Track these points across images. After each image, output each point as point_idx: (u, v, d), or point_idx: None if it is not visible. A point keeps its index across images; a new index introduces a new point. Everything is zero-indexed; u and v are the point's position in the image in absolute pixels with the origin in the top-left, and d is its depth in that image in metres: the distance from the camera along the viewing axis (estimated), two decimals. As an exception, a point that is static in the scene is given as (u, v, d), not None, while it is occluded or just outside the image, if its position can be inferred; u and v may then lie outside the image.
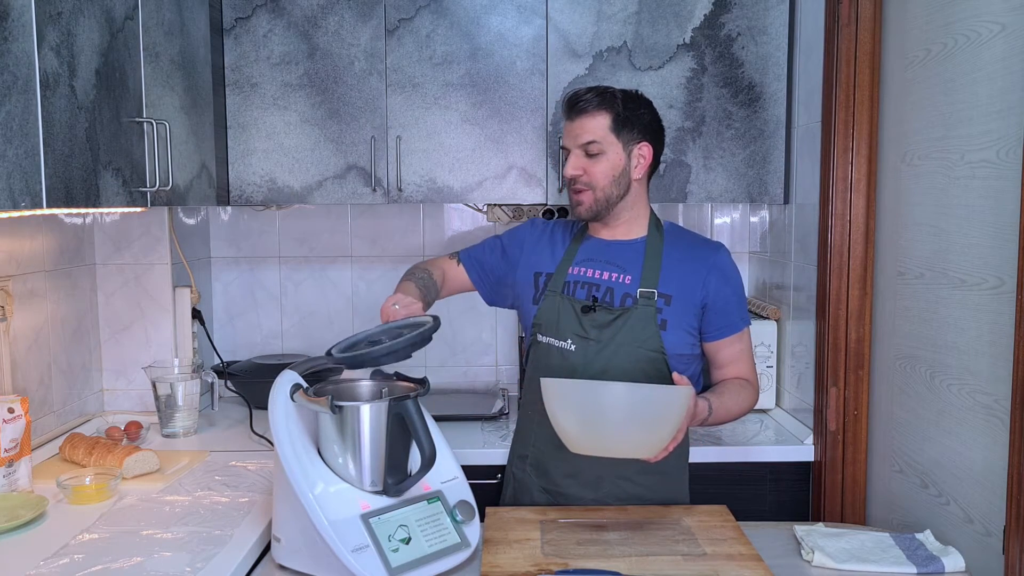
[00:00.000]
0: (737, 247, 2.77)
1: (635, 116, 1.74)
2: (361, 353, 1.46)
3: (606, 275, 1.77)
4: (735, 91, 2.34)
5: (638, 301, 1.72)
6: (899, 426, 1.88)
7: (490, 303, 1.97)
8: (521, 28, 2.33)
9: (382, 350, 1.44)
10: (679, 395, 1.48)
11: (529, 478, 1.82)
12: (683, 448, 1.83)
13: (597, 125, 1.73)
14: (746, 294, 2.73)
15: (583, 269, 1.79)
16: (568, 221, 1.92)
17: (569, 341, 1.75)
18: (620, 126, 1.73)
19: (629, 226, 1.80)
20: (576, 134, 1.74)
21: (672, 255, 1.77)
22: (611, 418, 1.44)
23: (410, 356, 1.48)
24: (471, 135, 2.35)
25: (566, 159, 1.77)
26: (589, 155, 1.73)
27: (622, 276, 1.76)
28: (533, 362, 1.83)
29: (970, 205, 1.59)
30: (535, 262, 1.85)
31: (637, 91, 1.80)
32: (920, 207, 1.78)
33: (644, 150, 1.75)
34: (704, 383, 1.84)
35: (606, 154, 1.73)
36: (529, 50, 2.33)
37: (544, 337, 1.79)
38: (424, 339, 1.49)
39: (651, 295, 1.72)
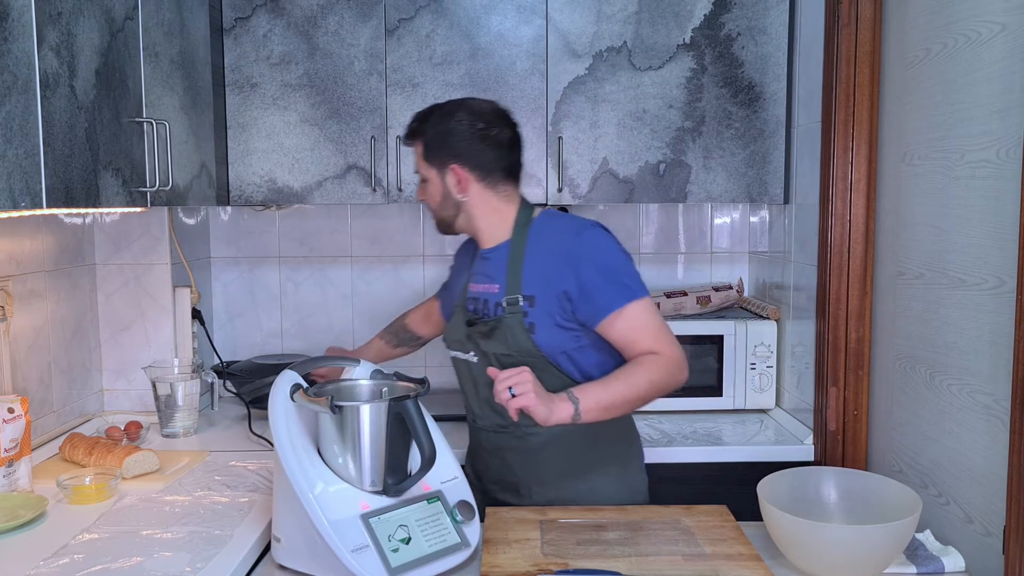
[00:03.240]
0: (737, 247, 2.77)
1: (441, 139, 1.74)
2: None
3: (482, 287, 1.78)
4: (735, 91, 2.34)
5: (505, 309, 1.72)
6: (899, 426, 1.88)
7: None
8: (521, 28, 2.33)
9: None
10: (901, 528, 1.37)
11: (472, 480, 1.84)
12: (620, 451, 1.82)
13: (416, 155, 1.80)
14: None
15: (473, 284, 1.82)
16: None
17: (472, 353, 1.78)
18: (430, 153, 1.77)
19: (491, 234, 1.79)
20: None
21: (534, 253, 1.73)
22: (836, 556, 1.38)
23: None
24: (471, 135, 2.34)
25: None
26: (422, 181, 1.81)
27: (491, 285, 1.76)
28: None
29: (970, 205, 1.59)
30: (458, 282, 1.92)
31: (455, 104, 1.79)
32: (920, 207, 1.78)
33: (457, 171, 1.74)
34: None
35: (429, 181, 1.79)
36: (529, 50, 2.33)
37: (452, 351, 1.84)
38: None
39: (515, 300, 1.71)
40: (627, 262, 1.71)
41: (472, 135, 1.74)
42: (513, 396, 1.51)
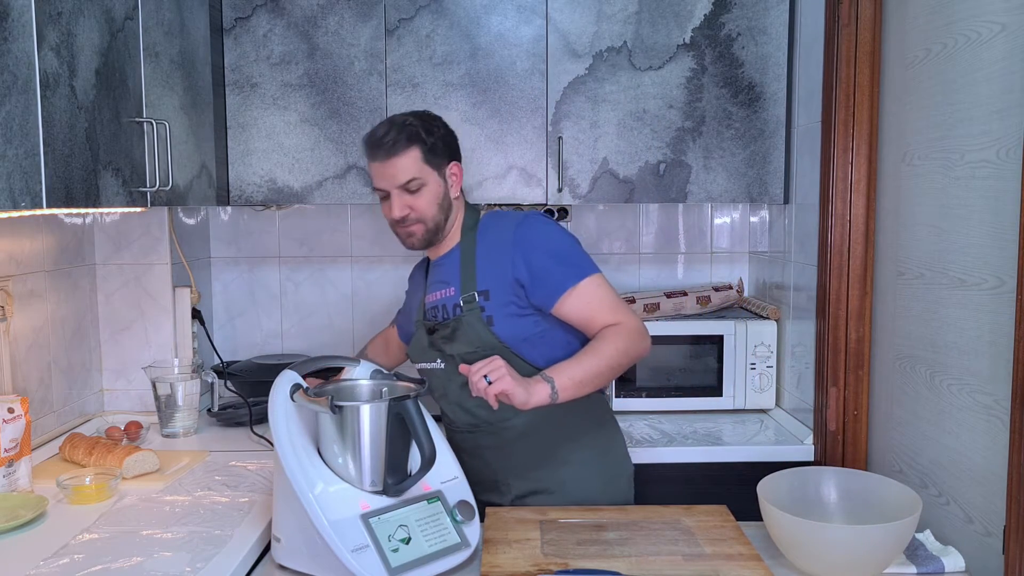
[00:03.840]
0: (737, 247, 2.77)
1: (438, 139, 1.77)
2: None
3: (439, 294, 1.81)
4: (735, 91, 2.34)
5: (463, 308, 1.74)
6: (899, 426, 1.88)
7: None
8: (521, 28, 2.33)
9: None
10: (901, 528, 1.37)
11: None
12: (597, 434, 1.83)
13: (411, 161, 1.74)
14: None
15: (429, 295, 1.85)
16: None
17: (438, 360, 1.80)
18: (431, 154, 1.76)
19: (450, 238, 1.83)
20: (392, 175, 1.74)
21: (484, 251, 1.78)
22: (835, 556, 1.38)
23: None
24: (471, 135, 2.34)
25: (382, 201, 1.78)
26: (411, 192, 1.75)
27: (447, 290, 1.79)
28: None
29: (970, 205, 1.59)
30: (414, 303, 1.93)
31: (426, 112, 1.83)
32: (920, 207, 1.78)
33: (454, 168, 1.80)
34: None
35: (428, 185, 1.75)
36: (529, 50, 2.33)
37: (418, 364, 1.86)
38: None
39: (471, 298, 1.74)
40: (573, 243, 1.77)
41: (453, 135, 1.83)
42: (489, 384, 1.52)
